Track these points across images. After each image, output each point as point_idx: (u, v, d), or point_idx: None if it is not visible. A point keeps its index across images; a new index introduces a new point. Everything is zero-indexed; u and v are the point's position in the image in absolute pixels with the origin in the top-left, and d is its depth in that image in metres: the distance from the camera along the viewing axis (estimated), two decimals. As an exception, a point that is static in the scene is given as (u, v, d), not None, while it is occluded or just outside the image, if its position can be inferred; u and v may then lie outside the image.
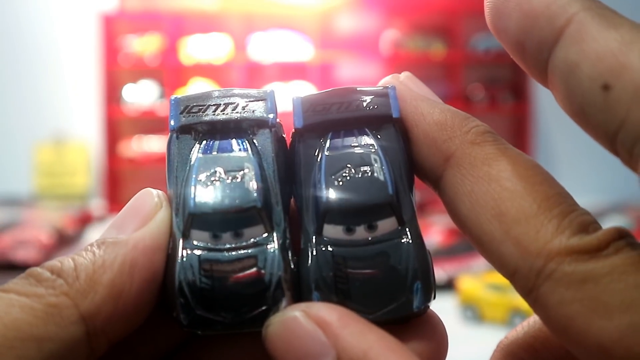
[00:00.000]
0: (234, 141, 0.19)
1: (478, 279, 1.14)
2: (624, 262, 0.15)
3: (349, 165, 0.19)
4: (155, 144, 2.53)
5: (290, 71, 2.55)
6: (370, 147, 0.19)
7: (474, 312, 1.09)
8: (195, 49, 2.50)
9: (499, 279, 1.12)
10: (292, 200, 0.20)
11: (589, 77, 0.15)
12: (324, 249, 0.18)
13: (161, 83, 2.53)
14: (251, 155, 0.19)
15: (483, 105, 2.52)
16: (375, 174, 0.18)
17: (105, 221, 2.13)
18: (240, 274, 0.18)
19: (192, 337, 0.21)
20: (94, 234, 1.87)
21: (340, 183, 0.18)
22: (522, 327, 0.21)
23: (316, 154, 0.19)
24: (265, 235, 0.18)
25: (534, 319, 0.21)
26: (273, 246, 0.18)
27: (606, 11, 0.16)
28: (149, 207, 0.19)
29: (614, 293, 0.15)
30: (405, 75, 0.21)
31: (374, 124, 0.19)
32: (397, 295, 0.18)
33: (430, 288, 0.18)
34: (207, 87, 2.52)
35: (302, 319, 0.17)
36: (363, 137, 0.19)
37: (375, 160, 0.19)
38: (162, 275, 0.18)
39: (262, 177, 0.19)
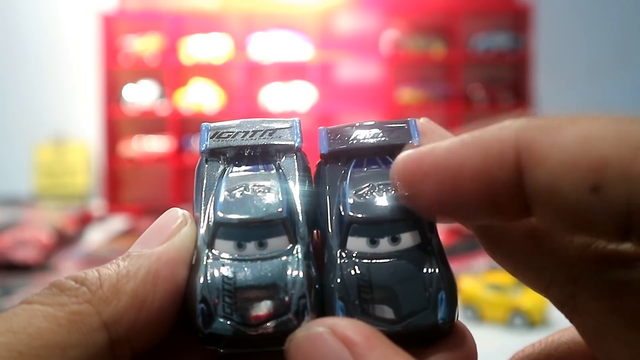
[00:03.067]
0: (261, 164, 0.20)
1: (478, 279, 1.14)
2: None
3: (372, 183, 0.19)
4: (155, 144, 2.53)
5: (290, 71, 2.55)
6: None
7: (474, 312, 1.08)
8: (195, 48, 2.50)
9: (499, 279, 1.12)
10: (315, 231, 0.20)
11: (573, 187, 0.14)
12: (348, 260, 0.18)
13: (161, 83, 2.53)
14: (277, 174, 0.20)
15: (483, 105, 2.52)
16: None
17: (105, 221, 2.13)
18: (263, 282, 0.18)
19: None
20: (94, 234, 1.87)
21: (364, 197, 0.19)
22: (540, 344, 0.21)
23: (341, 176, 0.20)
24: (289, 247, 0.18)
25: (552, 338, 0.21)
26: (297, 257, 0.18)
27: (536, 119, 0.15)
28: (174, 224, 0.20)
29: None
30: (424, 119, 0.22)
31: (396, 153, 0.20)
32: (421, 306, 0.18)
33: (455, 300, 0.18)
34: (207, 87, 2.52)
35: (327, 336, 0.16)
36: (385, 163, 0.20)
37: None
38: (184, 289, 0.18)
39: (287, 191, 0.19)
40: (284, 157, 0.21)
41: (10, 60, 2.63)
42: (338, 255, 0.19)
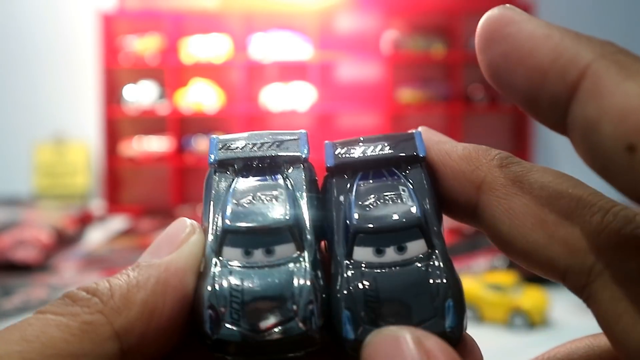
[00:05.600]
0: (268, 175, 0.21)
1: (478, 279, 1.14)
2: None
3: (378, 194, 0.20)
4: (155, 144, 2.53)
5: (290, 71, 2.55)
6: (399, 180, 0.20)
7: (474, 312, 1.08)
8: (195, 48, 2.50)
9: (499, 279, 1.12)
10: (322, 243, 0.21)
11: (612, 137, 0.14)
12: (354, 270, 0.19)
13: (161, 83, 2.53)
14: (284, 184, 0.20)
15: (483, 105, 2.52)
16: (404, 201, 0.19)
17: (105, 221, 2.13)
18: (270, 289, 0.18)
19: None
20: (94, 234, 1.87)
21: (370, 207, 0.19)
22: (561, 351, 0.21)
23: (347, 188, 0.20)
24: (296, 254, 0.19)
25: (548, 355, 0.21)
26: (304, 264, 0.18)
27: (621, 57, 0.15)
28: (182, 233, 0.20)
29: None
30: (422, 128, 0.22)
31: (402, 165, 0.20)
32: (429, 315, 0.18)
33: (463, 308, 0.18)
34: (207, 87, 2.52)
35: (412, 344, 0.16)
36: (391, 175, 0.21)
37: (403, 190, 0.20)
38: (192, 297, 0.19)
39: (294, 200, 0.20)
40: (292, 168, 0.21)
41: (10, 60, 2.63)
42: (344, 265, 0.19)
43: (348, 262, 0.19)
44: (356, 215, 0.19)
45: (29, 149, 2.62)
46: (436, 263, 0.18)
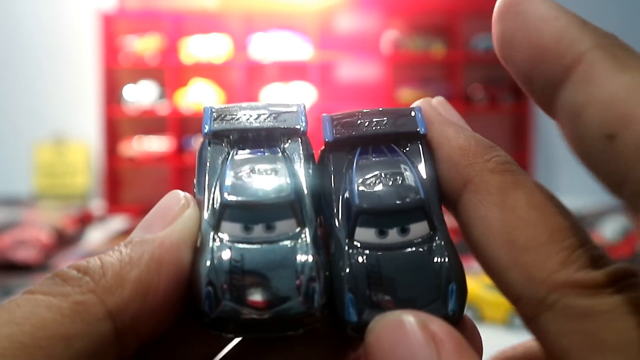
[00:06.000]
0: (266, 147, 0.20)
1: (478, 279, 1.14)
2: (627, 302, 0.15)
3: (379, 172, 0.19)
4: (155, 144, 2.53)
5: (290, 71, 2.55)
6: (399, 158, 0.19)
7: (474, 312, 1.09)
8: (195, 48, 2.50)
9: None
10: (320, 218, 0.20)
11: (595, 123, 0.14)
12: (356, 251, 0.18)
13: (161, 83, 2.53)
14: (283, 157, 0.20)
15: (483, 105, 2.52)
16: (407, 180, 0.19)
17: (105, 221, 2.13)
18: (272, 266, 0.17)
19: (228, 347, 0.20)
20: (94, 234, 1.87)
21: (372, 187, 0.18)
22: (521, 347, 0.21)
23: (346, 164, 0.20)
24: (297, 230, 0.18)
25: (532, 343, 0.21)
26: (305, 241, 0.18)
27: (619, 49, 0.15)
28: (176, 207, 0.19)
29: (612, 331, 0.15)
30: (437, 100, 0.21)
31: (401, 141, 0.20)
32: (431, 297, 0.18)
33: (465, 291, 0.18)
34: (207, 87, 2.52)
35: (417, 328, 0.16)
36: (391, 152, 0.20)
37: (404, 169, 0.19)
38: (189, 273, 0.18)
39: (294, 174, 0.19)
40: (289, 141, 0.20)
41: (10, 60, 2.63)
42: (346, 246, 0.18)
43: (350, 243, 0.18)
44: (358, 195, 0.18)
45: (29, 149, 2.62)
46: (439, 246, 0.18)
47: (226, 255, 0.18)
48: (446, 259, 0.18)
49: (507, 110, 2.54)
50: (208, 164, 0.20)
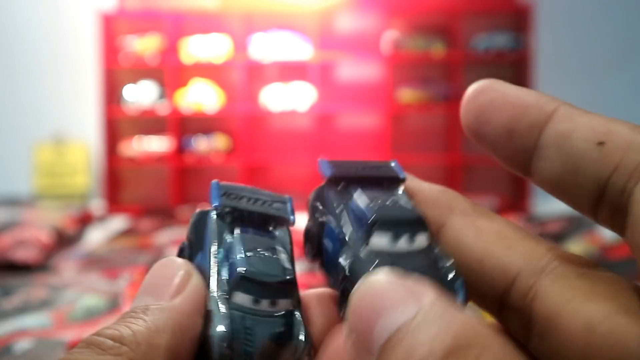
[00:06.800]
0: (263, 230, 0.23)
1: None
2: (616, 277, 0.18)
3: (380, 198, 0.22)
4: (155, 144, 2.53)
5: (290, 71, 2.55)
6: (390, 192, 0.23)
7: (474, 312, 1.09)
8: (195, 48, 2.50)
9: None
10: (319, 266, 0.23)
11: (583, 138, 0.18)
12: (372, 255, 0.20)
13: (161, 83, 2.53)
14: (281, 242, 0.23)
15: (483, 105, 2.52)
16: (402, 204, 0.22)
17: (105, 221, 2.13)
18: (278, 337, 0.20)
19: None
20: (94, 234, 1.87)
21: (378, 204, 0.21)
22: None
23: (347, 196, 0.23)
24: (291, 309, 0.21)
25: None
26: (300, 321, 0.21)
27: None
28: (181, 274, 0.21)
29: (605, 287, 0.17)
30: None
31: (385, 183, 0.23)
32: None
33: (467, 288, 0.20)
34: (207, 87, 2.53)
35: (396, 281, 0.17)
36: (382, 189, 0.23)
37: (398, 198, 0.22)
38: (201, 337, 0.20)
39: (290, 260, 0.22)
40: (279, 228, 0.23)
41: (10, 60, 2.63)
42: (363, 251, 0.20)
43: (365, 249, 0.20)
44: (370, 209, 0.21)
45: (29, 149, 2.62)
46: (438, 253, 0.20)
47: (240, 322, 0.20)
48: (449, 261, 0.20)
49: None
50: (216, 235, 0.22)
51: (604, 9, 2.63)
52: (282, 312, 0.20)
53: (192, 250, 0.23)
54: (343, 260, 0.21)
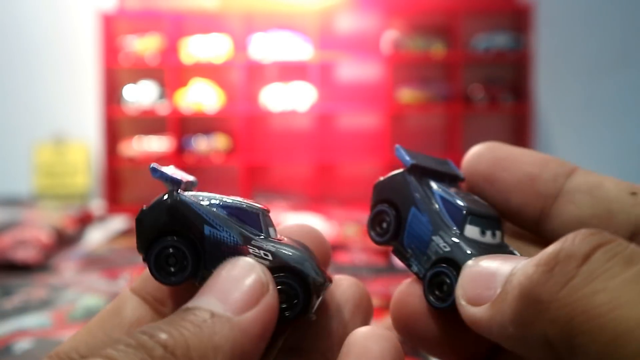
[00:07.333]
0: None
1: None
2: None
3: (461, 192, 0.25)
4: (155, 144, 2.53)
5: (290, 71, 2.55)
6: (455, 187, 0.25)
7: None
8: (195, 48, 2.50)
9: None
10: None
11: (616, 188, 0.21)
12: (470, 243, 0.23)
13: (161, 83, 2.53)
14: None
15: (483, 105, 2.52)
16: (480, 201, 0.24)
17: (105, 221, 2.13)
18: None
19: None
20: (94, 234, 1.87)
21: (466, 199, 0.24)
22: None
23: (426, 184, 0.25)
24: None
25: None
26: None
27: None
28: (257, 284, 0.19)
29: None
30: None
31: (447, 179, 0.26)
32: None
33: None
34: (207, 87, 2.52)
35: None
36: (445, 184, 0.25)
37: (467, 194, 0.25)
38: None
39: None
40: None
41: (10, 60, 2.63)
42: (460, 238, 0.23)
43: (461, 236, 0.23)
44: (465, 204, 0.24)
45: (29, 149, 2.62)
46: (511, 247, 0.24)
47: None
48: (517, 252, 0.24)
49: (507, 110, 2.54)
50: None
51: (604, 9, 2.63)
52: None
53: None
54: (442, 242, 0.23)
